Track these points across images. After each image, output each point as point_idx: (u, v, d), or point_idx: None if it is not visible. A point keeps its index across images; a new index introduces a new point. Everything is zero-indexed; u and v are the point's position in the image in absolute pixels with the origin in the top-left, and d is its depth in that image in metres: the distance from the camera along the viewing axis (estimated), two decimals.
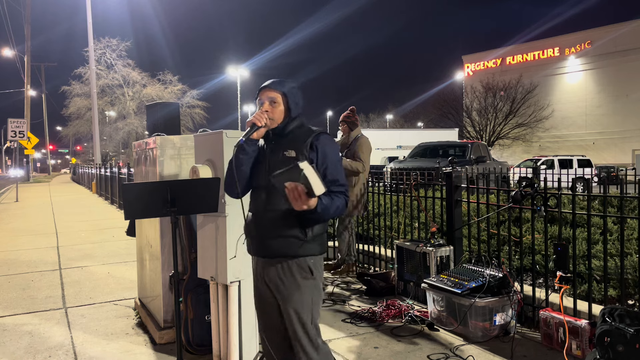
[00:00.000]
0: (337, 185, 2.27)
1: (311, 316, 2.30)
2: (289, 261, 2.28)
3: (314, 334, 2.29)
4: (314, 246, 2.30)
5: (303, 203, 2.04)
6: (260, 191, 2.33)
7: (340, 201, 2.23)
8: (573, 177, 8.78)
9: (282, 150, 2.30)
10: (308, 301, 2.29)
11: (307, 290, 2.29)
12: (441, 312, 3.92)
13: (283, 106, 2.34)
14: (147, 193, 2.78)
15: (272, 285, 2.32)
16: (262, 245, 2.32)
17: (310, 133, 2.31)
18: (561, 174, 9.61)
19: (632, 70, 42.43)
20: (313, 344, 2.28)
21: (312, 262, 2.30)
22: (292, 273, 2.28)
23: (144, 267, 4.25)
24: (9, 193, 22.49)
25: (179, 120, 4.26)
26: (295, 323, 2.27)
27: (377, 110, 61.74)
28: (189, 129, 36.64)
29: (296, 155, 2.25)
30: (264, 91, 2.35)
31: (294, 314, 2.27)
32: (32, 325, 4.21)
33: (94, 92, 26.20)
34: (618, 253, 3.97)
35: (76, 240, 8.62)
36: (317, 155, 2.27)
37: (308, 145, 2.27)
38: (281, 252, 2.28)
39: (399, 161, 15.68)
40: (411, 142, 21.12)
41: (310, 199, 2.03)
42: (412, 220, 5.57)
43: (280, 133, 2.35)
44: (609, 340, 2.80)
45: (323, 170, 2.26)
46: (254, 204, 2.37)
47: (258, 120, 2.27)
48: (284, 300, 2.29)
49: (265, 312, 2.41)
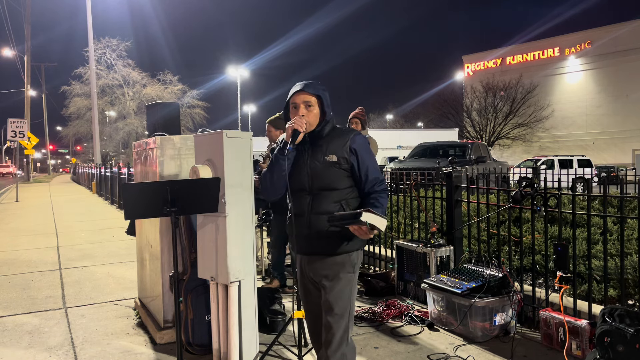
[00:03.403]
0: (379, 183, 2.39)
1: (349, 308, 2.37)
2: (334, 257, 2.36)
3: (347, 327, 2.36)
4: (357, 241, 2.39)
5: (369, 235, 2.18)
6: (303, 194, 2.39)
7: (386, 198, 2.40)
8: (573, 177, 8.78)
9: (322, 155, 2.35)
10: (348, 294, 2.36)
11: (348, 284, 2.37)
12: (441, 312, 3.92)
13: (318, 109, 2.38)
14: (147, 193, 2.78)
15: (317, 278, 2.40)
16: (310, 245, 2.39)
17: (346, 135, 2.39)
18: (561, 174, 9.60)
19: (632, 70, 42.43)
20: (344, 337, 2.34)
21: (355, 256, 2.40)
22: (337, 268, 2.35)
23: (144, 267, 4.24)
24: (9, 193, 22.49)
25: (179, 120, 4.27)
26: (335, 314, 2.32)
27: (377, 110, 61.74)
28: (189, 129, 36.63)
29: (337, 159, 2.33)
30: (298, 95, 2.37)
31: (335, 305, 2.33)
32: (32, 325, 4.21)
33: (94, 92, 26.20)
34: (618, 253, 3.97)
35: (76, 240, 8.62)
36: (358, 158, 2.37)
37: (348, 149, 2.35)
38: (328, 251, 2.36)
39: (399, 161, 15.67)
40: (411, 142, 21.15)
41: (375, 230, 2.16)
42: (412, 220, 5.57)
43: (317, 136, 2.39)
44: (609, 340, 2.80)
45: (365, 171, 2.37)
46: (296, 205, 2.42)
47: (299, 126, 2.31)
48: (325, 292, 2.36)
49: (310, 304, 2.51)
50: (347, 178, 2.37)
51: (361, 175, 2.37)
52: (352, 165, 2.35)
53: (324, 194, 2.33)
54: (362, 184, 2.39)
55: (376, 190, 2.38)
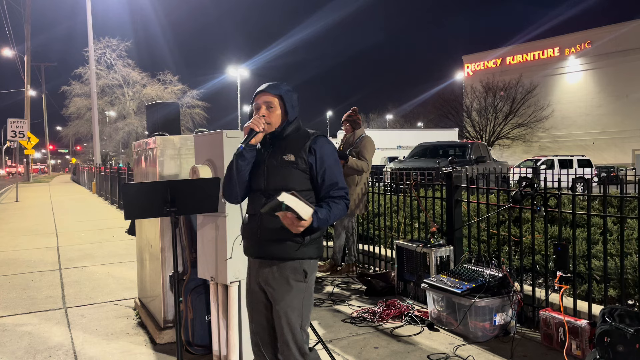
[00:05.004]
0: (336, 188, 2.27)
1: (300, 320, 2.27)
2: (284, 263, 2.27)
3: (300, 339, 2.27)
4: (311, 249, 2.30)
5: (297, 226, 2.08)
6: (259, 194, 2.32)
7: (340, 207, 2.24)
8: (573, 177, 8.78)
9: (280, 154, 2.29)
10: (299, 305, 2.27)
11: (299, 294, 2.28)
12: (441, 312, 3.92)
13: (280, 110, 2.33)
14: (147, 193, 2.78)
15: (265, 286, 2.31)
16: (260, 247, 2.31)
17: (308, 136, 2.32)
18: (561, 174, 9.60)
19: (632, 70, 42.45)
20: (300, 349, 2.26)
21: (307, 265, 2.30)
22: (285, 275, 2.27)
23: (144, 267, 4.25)
24: (9, 193, 22.49)
25: (179, 121, 4.27)
26: (284, 325, 2.25)
27: (377, 110, 61.78)
28: (189, 129, 36.58)
29: (295, 159, 2.26)
30: (260, 95, 2.34)
31: (284, 316, 2.25)
32: (32, 325, 4.21)
33: (94, 92, 26.16)
34: (618, 253, 3.97)
35: (76, 240, 8.62)
36: (316, 158, 2.28)
37: (307, 149, 2.28)
38: (278, 255, 2.27)
39: (399, 161, 15.68)
40: (411, 142, 21.12)
41: (302, 221, 2.06)
42: (412, 220, 5.57)
43: (278, 137, 2.34)
44: (609, 340, 2.80)
45: (322, 173, 2.27)
46: (252, 206, 2.36)
47: (256, 125, 2.25)
48: (275, 302, 2.28)
49: (257, 313, 2.39)
50: (305, 180, 2.27)
51: (318, 178, 2.26)
52: (311, 166, 2.26)
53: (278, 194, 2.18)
54: (319, 187, 2.27)
55: (331, 195, 2.24)
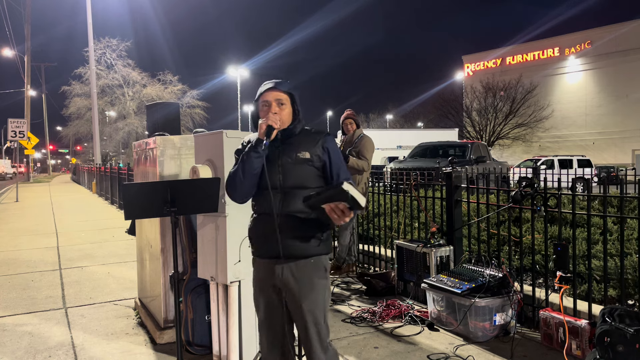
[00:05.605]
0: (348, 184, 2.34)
1: (324, 315, 2.31)
2: (305, 261, 2.27)
3: (324, 334, 2.29)
4: (328, 245, 2.34)
5: (346, 217, 2.04)
6: (274, 192, 2.26)
7: None
8: (573, 177, 8.78)
9: (294, 152, 2.28)
10: (322, 301, 2.29)
11: (322, 290, 2.30)
12: (441, 312, 3.92)
13: (290, 107, 2.33)
14: (147, 193, 2.78)
15: (283, 287, 2.29)
16: (279, 247, 2.25)
17: (318, 134, 2.35)
18: (561, 174, 9.61)
19: (632, 70, 42.45)
20: (322, 344, 2.28)
21: (325, 261, 2.33)
22: (308, 273, 2.27)
23: (144, 267, 4.25)
24: (9, 193, 22.49)
25: (179, 121, 4.27)
26: (309, 324, 2.25)
27: (377, 110, 61.84)
28: (189, 129, 36.57)
29: (310, 156, 2.28)
30: (269, 92, 2.31)
31: (309, 314, 2.25)
32: (32, 325, 4.21)
33: (94, 92, 26.19)
34: (618, 253, 3.97)
35: (76, 240, 8.62)
36: (329, 156, 2.32)
37: (320, 147, 2.31)
38: (300, 253, 2.26)
39: (399, 161, 15.69)
40: (411, 142, 21.13)
41: (352, 211, 2.03)
42: (412, 220, 5.57)
43: (289, 134, 2.33)
44: (609, 340, 2.80)
45: (336, 170, 2.32)
46: (263, 205, 2.30)
47: (274, 122, 2.24)
48: (296, 301, 2.26)
49: (271, 315, 2.35)
50: (319, 177, 2.31)
51: (333, 175, 2.31)
52: (324, 164, 2.30)
53: (295, 192, 2.23)
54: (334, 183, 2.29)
55: None
